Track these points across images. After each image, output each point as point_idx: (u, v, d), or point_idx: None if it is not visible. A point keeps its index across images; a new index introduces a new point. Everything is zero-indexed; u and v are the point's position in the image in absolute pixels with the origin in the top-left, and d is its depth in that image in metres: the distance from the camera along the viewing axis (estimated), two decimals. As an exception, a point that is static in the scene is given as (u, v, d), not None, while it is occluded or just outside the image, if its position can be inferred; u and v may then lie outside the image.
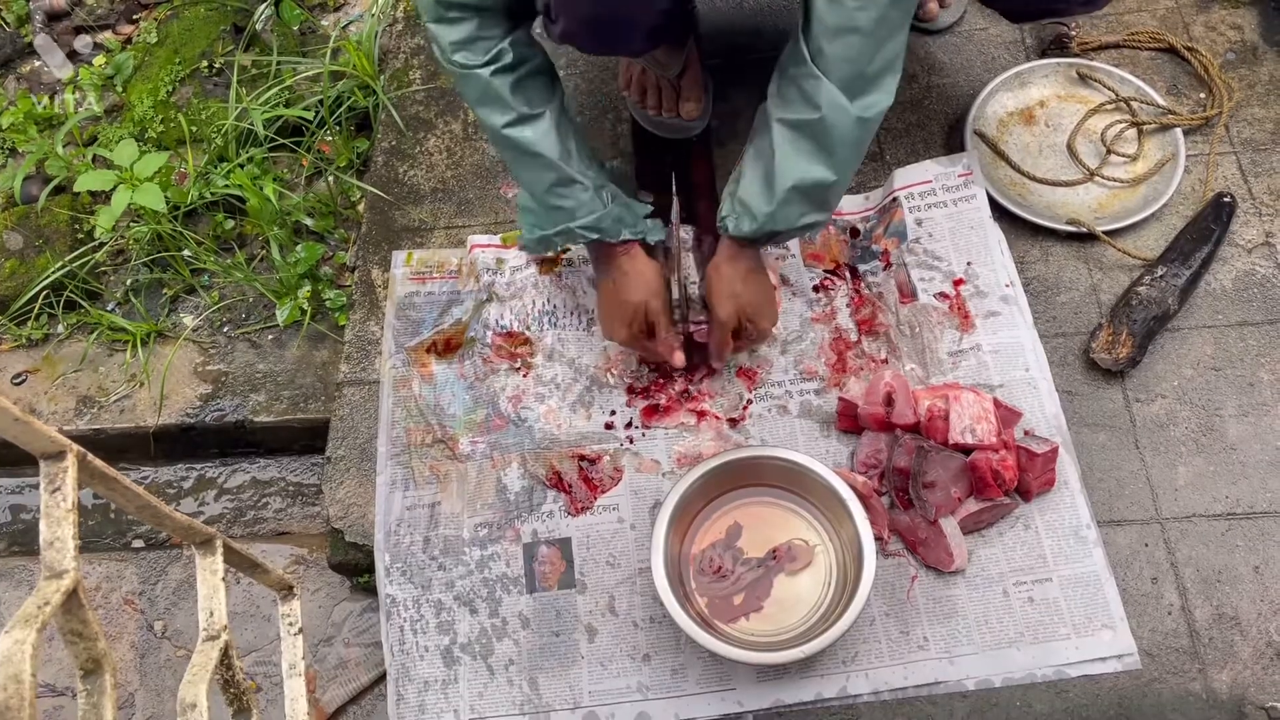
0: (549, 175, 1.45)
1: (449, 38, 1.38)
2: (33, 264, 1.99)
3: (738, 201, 1.42)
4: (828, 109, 1.30)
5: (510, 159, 1.49)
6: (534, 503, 1.58)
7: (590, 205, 1.47)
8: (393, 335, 1.75)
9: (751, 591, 1.48)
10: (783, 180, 1.36)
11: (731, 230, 1.44)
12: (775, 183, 1.36)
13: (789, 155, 1.35)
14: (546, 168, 1.44)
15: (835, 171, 1.35)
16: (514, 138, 1.43)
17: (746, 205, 1.41)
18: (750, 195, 1.40)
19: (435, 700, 1.47)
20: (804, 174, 1.35)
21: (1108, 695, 1.41)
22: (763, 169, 1.39)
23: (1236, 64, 1.89)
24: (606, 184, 1.52)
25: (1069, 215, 1.73)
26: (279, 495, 1.93)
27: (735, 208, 1.43)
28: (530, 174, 1.47)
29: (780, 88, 1.38)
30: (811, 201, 1.39)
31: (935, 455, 1.47)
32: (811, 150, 1.34)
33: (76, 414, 1.88)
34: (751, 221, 1.41)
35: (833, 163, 1.34)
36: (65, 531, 0.87)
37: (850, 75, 1.28)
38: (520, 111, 1.41)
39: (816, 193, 1.38)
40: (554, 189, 1.46)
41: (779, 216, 1.39)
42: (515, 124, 1.42)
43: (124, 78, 2.23)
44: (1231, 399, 1.58)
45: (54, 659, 1.77)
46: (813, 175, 1.35)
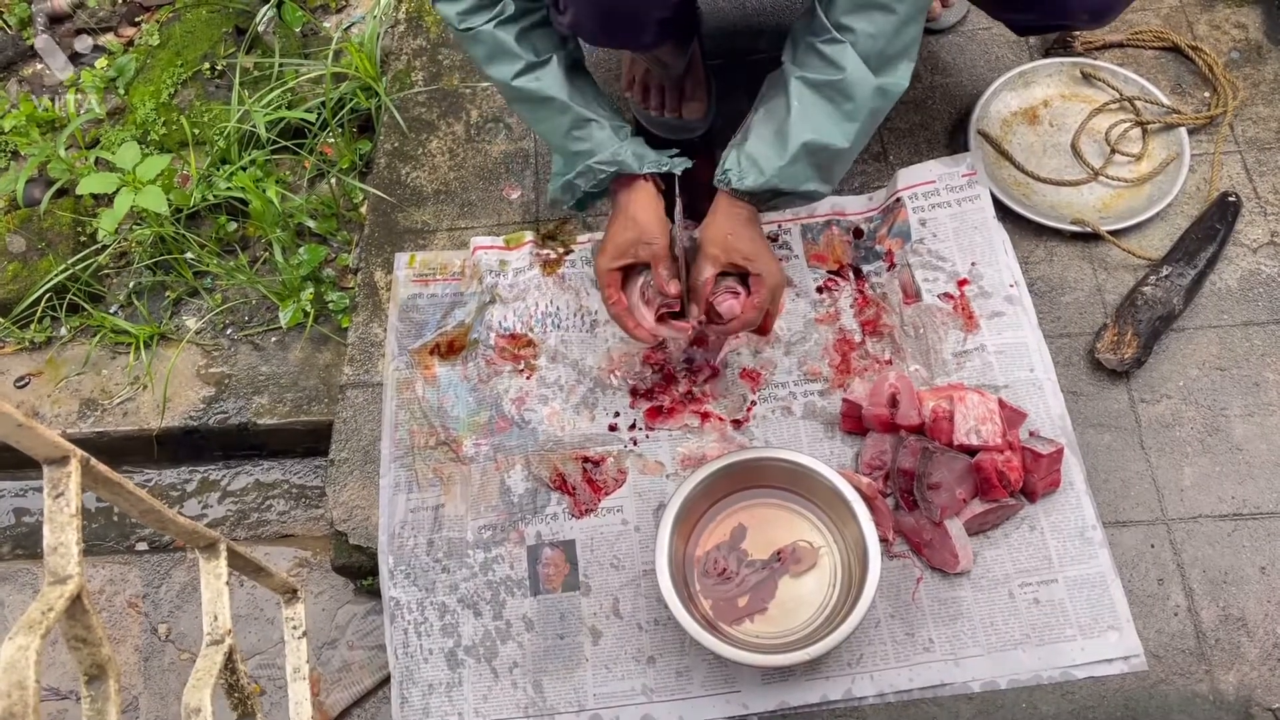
0: (564, 119, 1.44)
1: (455, 10, 1.40)
2: (35, 267, 1.99)
3: (744, 155, 1.39)
4: (852, 69, 1.30)
5: (527, 112, 1.49)
6: (538, 505, 1.58)
7: (608, 142, 1.45)
8: (396, 337, 1.75)
9: (756, 593, 1.47)
10: (796, 136, 1.34)
11: (734, 183, 1.40)
12: (788, 138, 1.34)
13: (805, 112, 1.34)
14: (560, 111, 1.44)
15: (847, 138, 1.35)
16: (525, 87, 1.43)
17: (754, 159, 1.38)
18: (759, 150, 1.38)
19: (439, 703, 1.47)
20: (818, 133, 1.34)
21: (1114, 697, 1.40)
22: (775, 125, 1.37)
23: (1241, 63, 1.89)
24: (624, 123, 1.49)
25: (1073, 215, 1.72)
26: (282, 498, 1.93)
27: (740, 162, 1.39)
28: (547, 123, 1.47)
29: (797, 54, 1.37)
30: (819, 166, 1.37)
31: (940, 456, 1.47)
32: (829, 110, 1.34)
33: (80, 417, 1.88)
34: (758, 175, 1.37)
35: (847, 128, 1.34)
36: (69, 537, 0.87)
37: (872, 50, 1.30)
38: (528, 59, 1.41)
39: (825, 156, 1.36)
40: (571, 132, 1.45)
41: (786, 173, 1.36)
42: (524, 72, 1.42)
43: (126, 80, 2.23)
44: (1237, 399, 1.58)
45: (57, 662, 1.77)
46: (826, 136, 1.34)
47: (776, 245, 1.77)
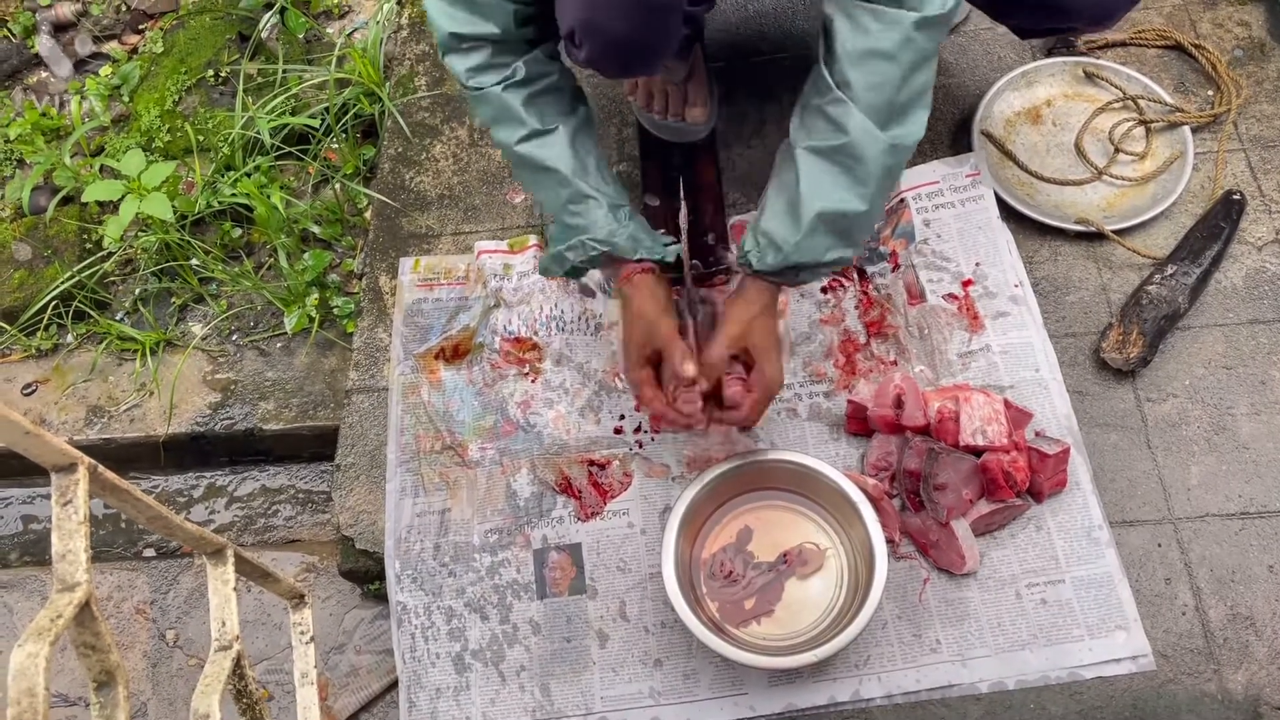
0: (563, 191, 1.42)
1: (464, 65, 1.38)
2: (41, 274, 1.99)
3: (761, 234, 1.36)
4: (856, 132, 1.26)
5: (526, 177, 1.46)
6: (544, 508, 1.58)
7: (605, 221, 1.41)
8: (401, 342, 1.75)
9: (763, 595, 1.47)
10: (809, 208, 1.30)
11: (755, 264, 1.36)
12: (801, 211, 1.30)
13: (815, 182, 1.30)
14: (561, 184, 1.41)
15: (864, 201, 1.30)
16: (527, 154, 1.41)
17: (770, 237, 1.34)
18: (774, 226, 1.34)
19: (447, 707, 1.47)
20: (831, 202, 1.29)
21: (1122, 697, 1.40)
22: (786, 199, 1.33)
23: (1244, 61, 1.89)
24: (625, 204, 1.47)
25: (1077, 214, 1.72)
26: (289, 503, 1.93)
27: (758, 241, 1.36)
28: (545, 191, 1.44)
29: (804, 119, 1.33)
30: (838, 233, 1.33)
31: (946, 457, 1.47)
32: (839, 176, 1.29)
33: (86, 424, 1.88)
34: (776, 253, 1.34)
35: (862, 192, 1.29)
36: (77, 544, 0.87)
37: (878, 103, 1.25)
38: (533, 127, 1.39)
39: (843, 223, 1.32)
40: (568, 205, 1.42)
41: (804, 247, 1.32)
42: (527, 139, 1.40)
43: (130, 88, 2.24)
44: (1243, 397, 1.58)
45: (66, 668, 1.77)
46: (840, 204, 1.29)
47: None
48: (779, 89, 1.94)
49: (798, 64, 1.96)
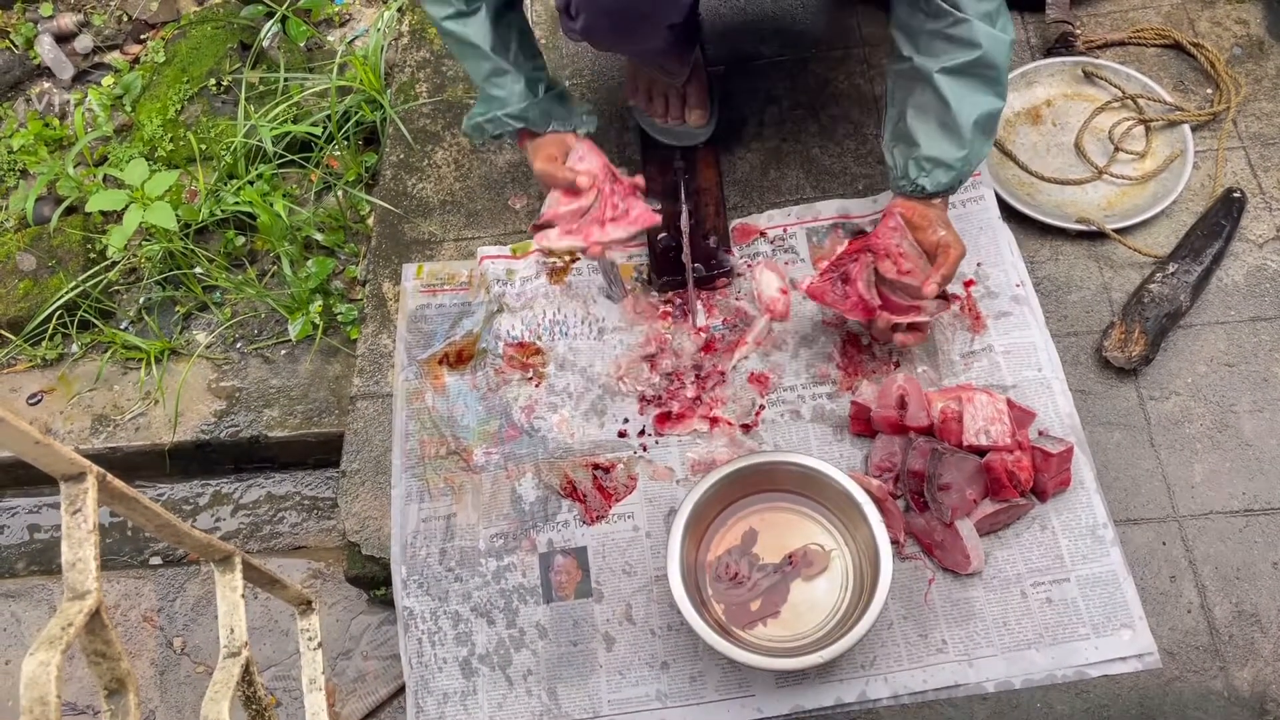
0: (485, 65, 1.53)
1: None
2: (46, 284, 2.00)
3: (925, 160, 1.48)
4: (985, 42, 1.39)
5: (454, 50, 1.57)
6: (549, 512, 1.59)
7: (521, 96, 1.54)
8: (405, 348, 1.75)
9: (768, 597, 1.48)
10: (966, 121, 1.43)
11: (930, 187, 1.49)
12: (960, 126, 1.44)
13: (964, 97, 1.43)
14: (482, 58, 1.53)
15: (1001, 96, 1.45)
16: (451, 29, 1.52)
17: (937, 159, 1.47)
18: (936, 149, 1.47)
19: (455, 712, 1.48)
20: (982, 109, 1.43)
21: (1128, 695, 1.40)
22: (936, 120, 1.46)
23: (1243, 59, 1.89)
24: (544, 79, 1.57)
25: (1078, 214, 1.72)
26: (295, 509, 1.94)
27: (923, 167, 1.48)
28: (470, 64, 1.56)
29: (922, 46, 1.45)
30: (988, 132, 1.47)
31: (950, 457, 1.47)
32: (981, 85, 1.43)
33: (92, 433, 1.89)
34: (947, 171, 1.47)
35: (1000, 90, 1.44)
36: (87, 553, 0.88)
37: (988, 9, 1.40)
38: (457, 7, 1.50)
39: (992, 124, 1.47)
40: (490, 78, 1.54)
41: (972, 157, 1.47)
42: (453, 17, 1.51)
43: (133, 97, 2.24)
44: (1246, 394, 1.58)
45: (75, 677, 1.78)
46: (988, 107, 1.44)
47: (781, 248, 1.78)
48: (778, 92, 1.95)
49: (797, 67, 1.98)
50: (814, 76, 1.97)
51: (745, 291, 1.73)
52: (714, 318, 1.72)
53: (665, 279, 1.74)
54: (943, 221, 1.52)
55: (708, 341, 1.69)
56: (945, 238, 1.50)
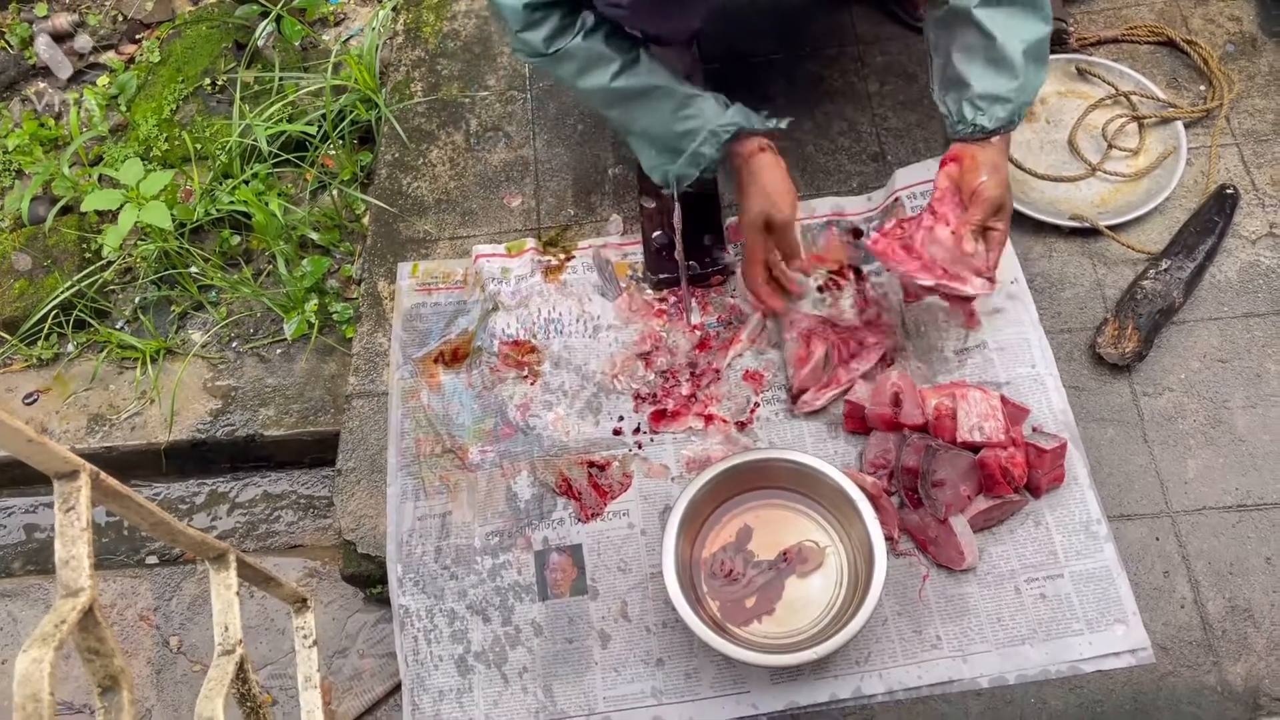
0: (669, 103, 1.50)
1: (540, 36, 1.48)
2: (41, 284, 2.00)
3: (979, 99, 1.45)
4: None
5: (629, 110, 1.53)
6: (544, 510, 1.59)
7: (718, 111, 1.51)
8: (400, 347, 1.76)
9: (763, 594, 1.48)
10: (1014, 50, 1.42)
11: (990, 125, 1.46)
12: (1009, 57, 1.42)
13: (1008, 27, 1.42)
14: (665, 96, 1.50)
15: (1046, 20, 1.44)
16: (625, 86, 1.50)
17: (992, 95, 1.45)
18: (989, 85, 1.44)
19: (450, 709, 1.48)
20: (1028, 35, 1.42)
21: (1122, 690, 1.41)
22: (983, 57, 1.44)
23: (1236, 56, 1.89)
24: (719, 93, 1.55)
25: (1072, 211, 1.73)
26: (290, 508, 1.94)
27: (978, 105, 1.46)
28: (651, 114, 1.52)
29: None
30: (1039, 59, 1.46)
31: (944, 454, 1.47)
32: (1022, 12, 1.42)
33: (88, 432, 1.89)
34: (1004, 105, 1.45)
35: (1044, 14, 1.43)
36: (80, 550, 0.88)
37: None
38: (622, 60, 1.49)
39: (1042, 49, 1.45)
40: (678, 113, 1.51)
41: (1027, 86, 1.45)
42: (620, 73, 1.49)
43: (128, 97, 2.24)
44: (1239, 390, 1.58)
45: (71, 676, 1.78)
46: (1035, 33, 1.43)
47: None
48: (774, 90, 1.95)
49: (792, 65, 1.98)
50: (808, 74, 1.98)
51: (740, 289, 1.73)
52: (709, 315, 1.72)
53: (660, 277, 1.74)
54: (991, 166, 1.48)
55: (702, 339, 1.70)
56: (984, 185, 1.47)
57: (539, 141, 1.98)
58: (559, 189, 1.92)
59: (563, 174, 1.94)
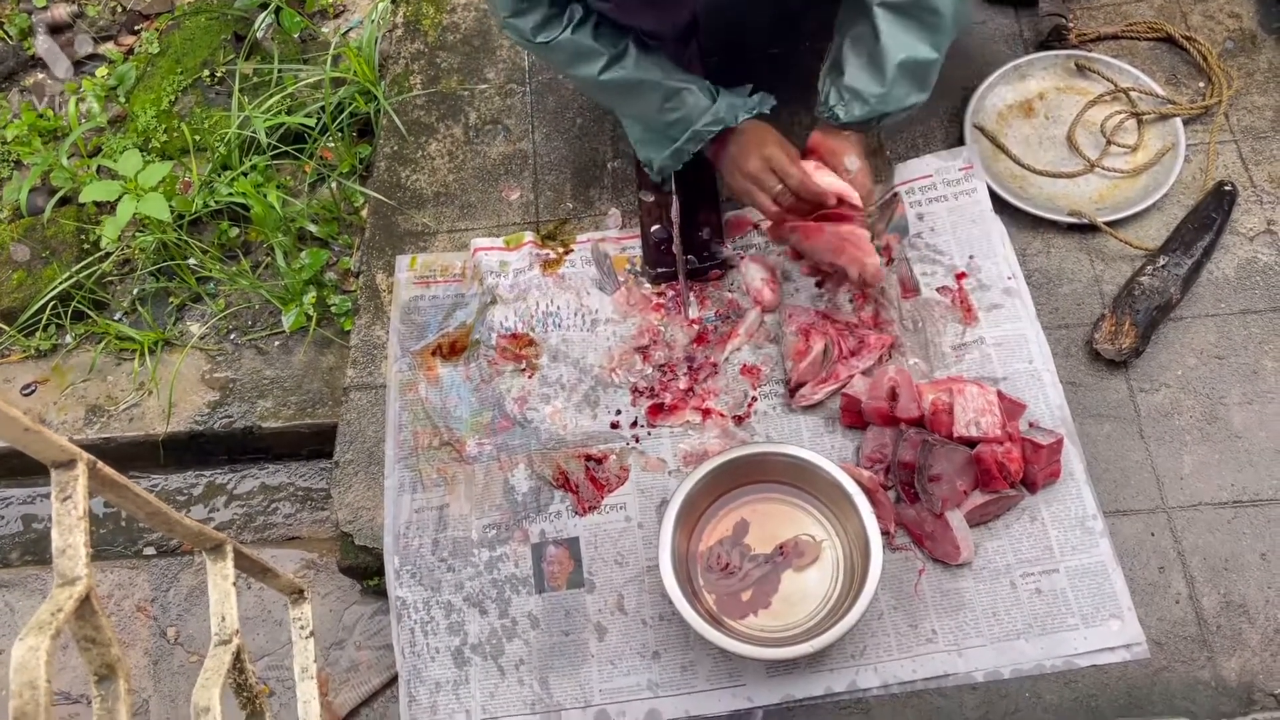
0: (656, 95, 1.52)
1: (528, 25, 1.49)
2: (40, 275, 2.00)
3: (845, 89, 1.48)
4: None
5: (617, 102, 1.57)
6: (541, 503, 1.59)
7: (703, 103, 1.53)
8: (398, 339, 1.76)
9: (759, 587, 1.48)
10: (891, 60, 1.43)
11: (844, 117, 1.49)
12: (885, 64, 1.44)
13: (895, 35, 1.43)
14: (652, 89, 1.52)
15: (937, 49, 1.44)
16: (612, 79, 1.51)
17: (856, 91, 1.47)
18: (858, 80, 1.47)
19: (447, 701, 1.48)
20: (910, 51, 1.43)
21: (1117, 684, 1.41)
22: (865, 54, 1.46)
23: (1235, 52, 1.89)
24: (706, 82, 1.57)
25: (1070, 207, 1.73)
26: (288, 500, 1.94)
27: (843, 95, 1.48)
28: (639, 105, 1.55)
29: None
30: (916, 81, 1.47)
31: (940, 449, 1.47)
32: (916, 29, 1.43)
33: (86, 423, 1.89)
34: (863, 105, 1.47)
35: (935, 40, 1.44)
36: (77, 539, 0.88)
37: None
38: (609, 53, 1.50)
39: (920, 71, 1.46)
40: (665, 106, 1.53)
41: (890, 97, 1.46)
42: (609, 66, 1.51)
43: (126, 88, 2.24)
44: (1235, 387, 1.59)
45: (68, 666, 1.78)
46: (918, 53, 1.43)
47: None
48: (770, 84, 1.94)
49: (789, 60, 1.98)
50: (805, 69, 1.96)
51: (738, 283, 1.74)
52: (706, 309, 1.72)
53: (658, 271, 1.75)
54: (855, 154, 1.54)
55: (700, 333, 1.70)
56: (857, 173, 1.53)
57: (538, 135, 1.98)
58: (558, 182, 1.92)
59: (561, 168, 1.94)
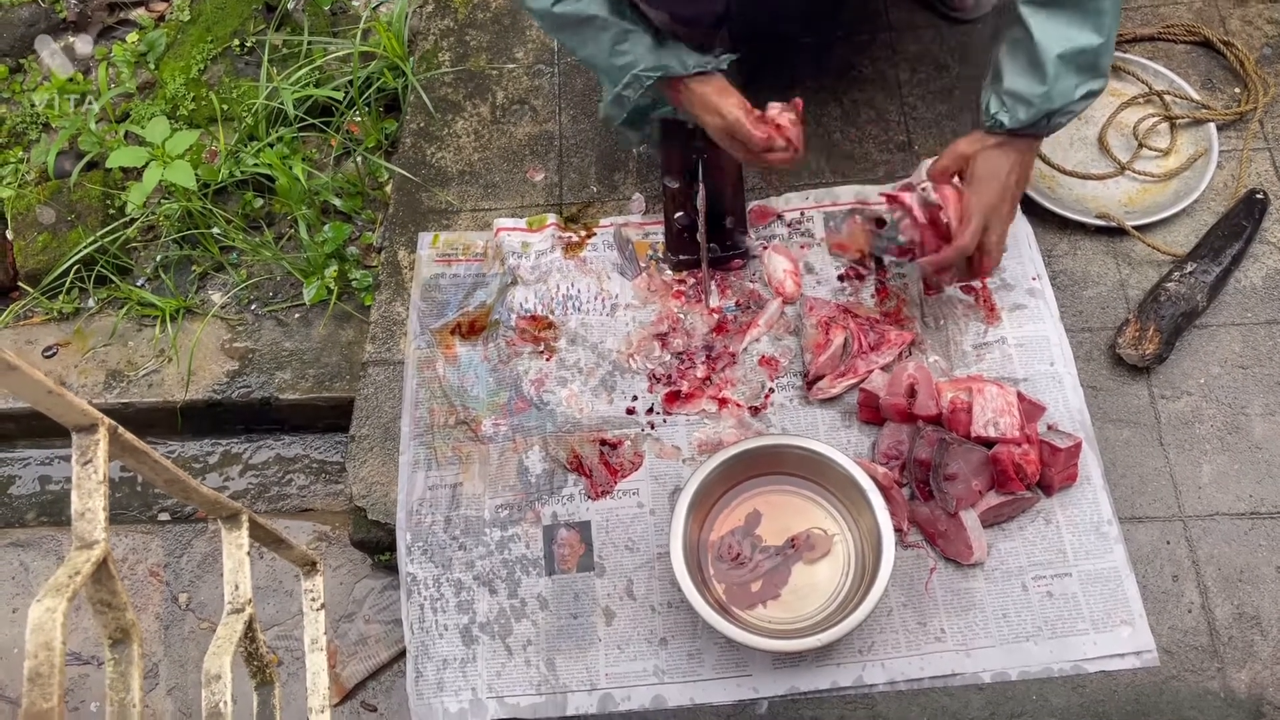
0: (606, 35, 1.46)
1: None
2: (65, 239, 2.01)
3: (1005, 95, 1.42)
4: None
5: (569, 37, 1.50)
6: (554, 485, 1.59)
7: (651, 49, 1.46)
8: (418, 316, 1.76)
9: (769, 579, 1.48)
10: (1049, 55, 1.36)
11: (1009, 123, 1.42)
12: (1042, 60, 1.36)
13: (1048, 29, 1.35)
14: (601, 28, 1.46)
15: (1100, 32, 1.35)
16: (565, 12, 1.46)
17: (1016, 94, 1.40)
18: (1018, 83, 1.40)
19: (454, 678, 1.49)
20: (1069, 42, 1.35)
21: (1125, 691, 1.41)
22: (1023, 54, 1.39)
23: (1273, 59, 1.87)
24: (666, 34, 1.50)
25: (1098, 209, 1.71)
26: (303, 472, 1.95)
27: (1004, 102, 1.42)
28: (590, 43, 1.48)
29: None
30: (1084, 70, 1.38)
31: (957, 447, 1.47)
32: (1070, 18, 1.34)
33: (105, 387, 1.90)
34: (1027, 108, 1.40)
35: (1096, 22, 1.34)
36: (96, 503, 0.89)
37: None
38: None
39: (1086, 59, 1.37)
40: (615, 48, 1.47)
41: (1055, 93, 1.38)
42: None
43: (156, 55, 2.24)
44: (1258, 397, 1.57)
45: (80, 628, 1.80)
46: (1078, 41, 1.35)
47: (798, 231, 1.77)
48: (802, 74, 1.94)
49: (822, 50, 1.96)
50: (838, 60, 1.96)
51: (759, 274, 1.73)
52: (727, 299, 1.72)
53: (680, 258, 1.74)
54: (990, 173, 1.46)
55: (720, 322, 1.69)
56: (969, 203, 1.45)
57: (564, 117, 1.98)
58: (583, 165, 1.92)
59: (587, 150, 1.93)
